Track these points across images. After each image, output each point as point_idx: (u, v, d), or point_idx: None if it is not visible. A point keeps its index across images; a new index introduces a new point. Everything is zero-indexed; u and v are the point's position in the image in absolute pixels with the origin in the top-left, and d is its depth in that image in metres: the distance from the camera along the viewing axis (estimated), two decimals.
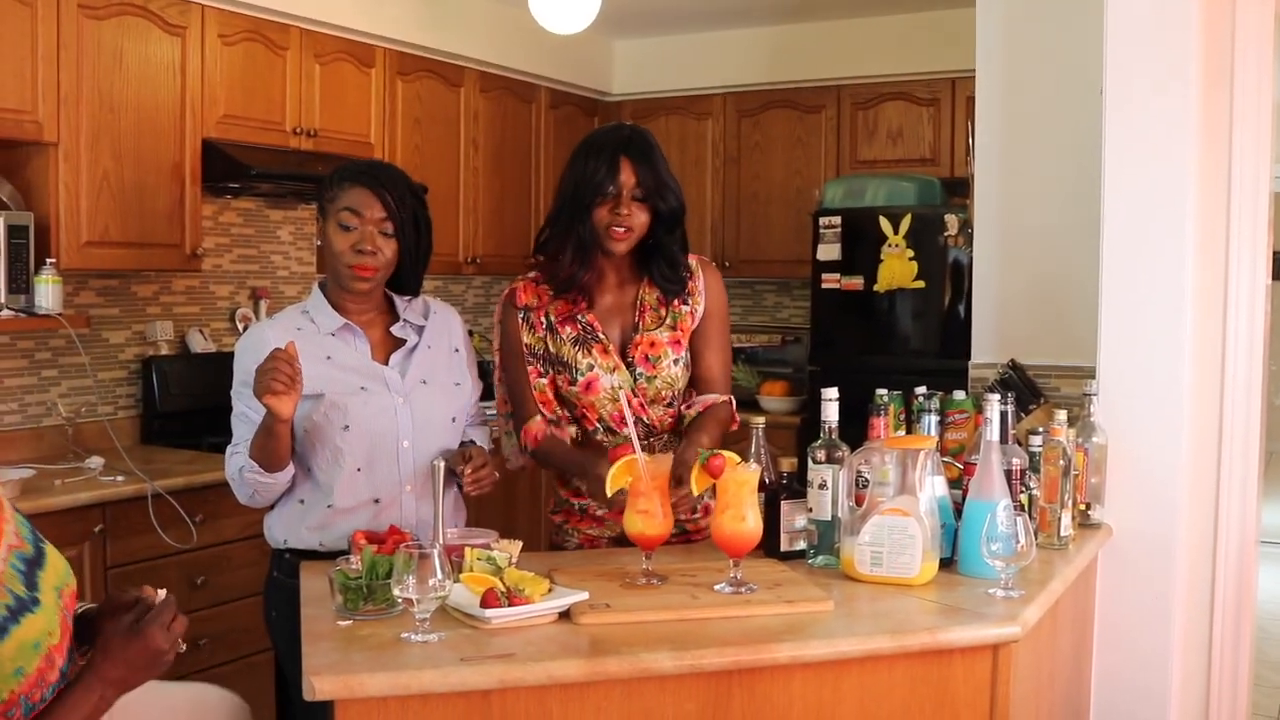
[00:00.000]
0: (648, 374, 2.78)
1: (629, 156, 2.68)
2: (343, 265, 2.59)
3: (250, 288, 5.06)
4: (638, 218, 2.69)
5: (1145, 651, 3.19)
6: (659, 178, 2.70)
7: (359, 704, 1.88)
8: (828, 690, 2.12)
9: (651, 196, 2.69)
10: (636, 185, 2.68)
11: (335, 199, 2.60)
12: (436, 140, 5.51)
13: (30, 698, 1.70)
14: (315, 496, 2.60)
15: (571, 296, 2.79)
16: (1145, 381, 3.16)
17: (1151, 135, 3.15)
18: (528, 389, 2.83)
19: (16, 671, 1.68)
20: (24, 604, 1.73)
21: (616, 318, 2.82)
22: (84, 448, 4.22)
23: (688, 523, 2.83)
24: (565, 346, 2.78)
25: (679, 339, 2.81)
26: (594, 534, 2.87)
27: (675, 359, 2.80)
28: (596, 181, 2.68)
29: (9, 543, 1.79)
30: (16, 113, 3.80)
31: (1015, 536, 2.32)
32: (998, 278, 3.94)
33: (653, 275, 2.80)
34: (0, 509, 1.82)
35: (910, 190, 5.51)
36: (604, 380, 2.76)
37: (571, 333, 2.79)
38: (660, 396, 2.80)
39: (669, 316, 2.82)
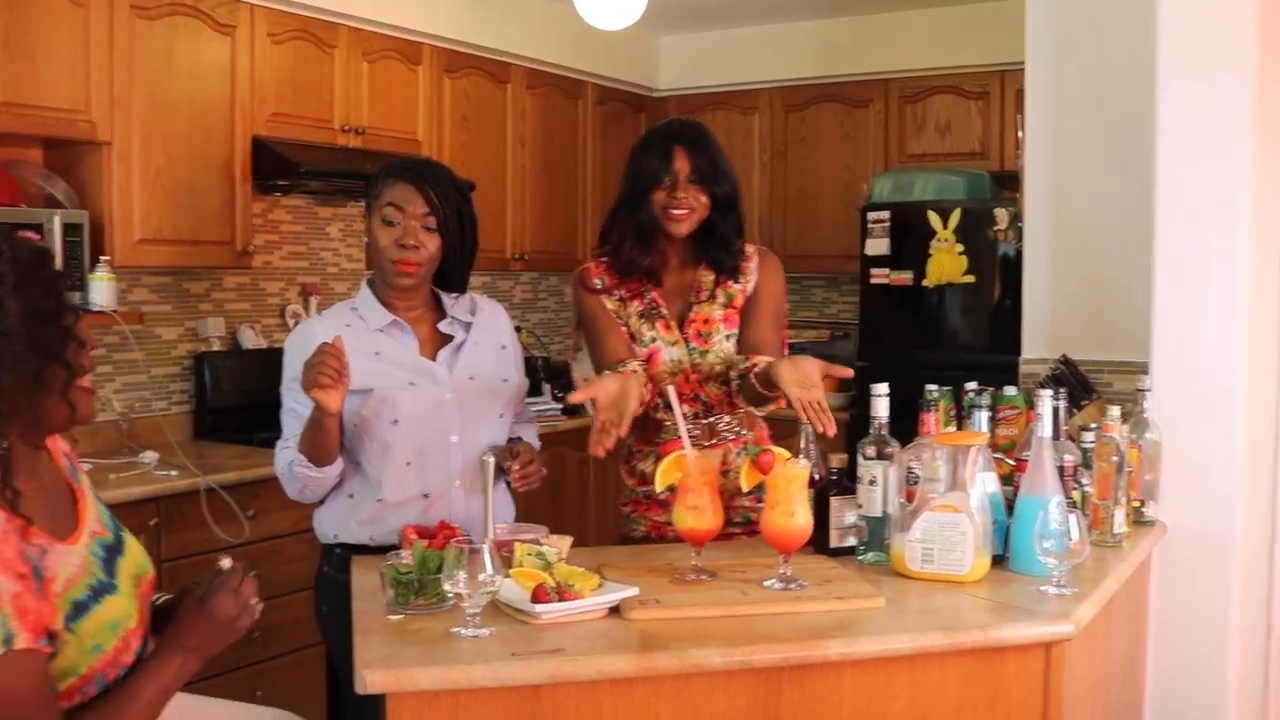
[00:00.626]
0: (700, 349, 2.85)
1: (682, 145, 2.80)
2: (386, 260, 2.60)
3: (300, 284, 5.10)
4: (696, 199, 2.80)
5: (1201, 651, 3.15)
6: (714, 163, 2.81)
7: (410, 698, 1.89)
8: (878, 688, 2.11)
9: (707, 180, 2.80)
10: (692, 170, 2.79)
11: (379, 195, 2.63)
12: (483, 137, 5.52)
13: (106, 676, 1.77)
14: (365, 491, 2.62)
15: (637, 280, 2.88)
16: (1200, 376, 3.12)
17: (1206, 126, 3.10)
18: (611, 348, 2.84)
19: (95, 648, 1.75)
20: (104, 587, 1.81)
21: (677, 297, 2.91)
22: (138, 443, 4.27)
23: (753, 512, 2.82)
24: (633, 319, 2.88)
25: (732, 315, 2.89)
26: (661, 520, 2.87)
27: (728, 334, 2.87)
28: (652, 170, 2.80)
29: (92, 529, 1.87)
30: (70, 113, 3.85)
31: (1068, 533, 2.29)
32: (1049, 271, 3.91)
33: (708, 256, 2.89)
34: (83, 496, 1.90)
35: (959, 184, 5.47)
36: (664, 353, 2.84)
37: (639, 306, 2.89)
38: (714, 373, 2.85)
39: (722, 295, 2.89)
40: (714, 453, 2.44)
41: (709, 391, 2.86)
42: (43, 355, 1.71)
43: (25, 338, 1.68)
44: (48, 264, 1.76)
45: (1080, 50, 3.85)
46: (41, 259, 1.75)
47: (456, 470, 2.63)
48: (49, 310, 1.72)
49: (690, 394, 2.83)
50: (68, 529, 1.83)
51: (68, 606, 1.72)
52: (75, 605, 1.74)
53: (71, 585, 1.75)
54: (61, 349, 1.74)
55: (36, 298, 1.71)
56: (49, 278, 1.75)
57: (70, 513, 1.87)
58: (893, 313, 5.58)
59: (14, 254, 1.70)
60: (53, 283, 1.75)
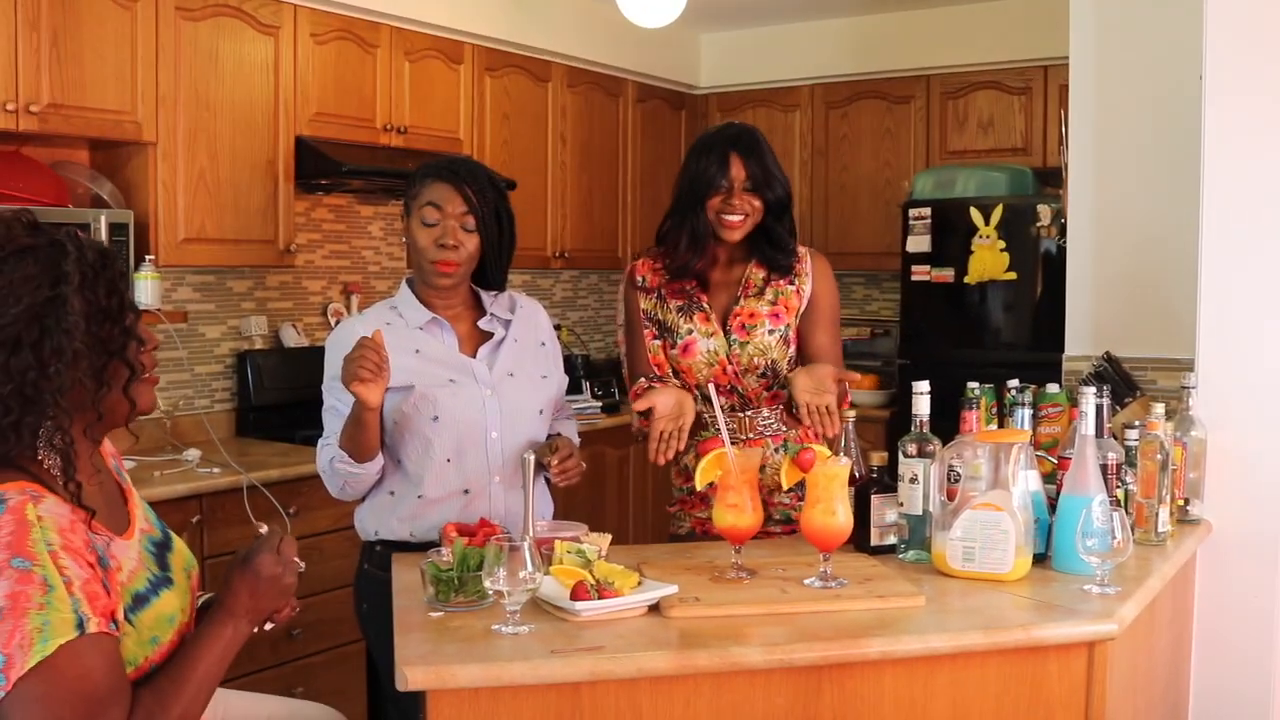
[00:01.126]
0: (741, 340, 2.90)
1: (738, 152, 2.86)
2: (426, 261, 2.62)
3: (342, 283, 5.13)
4: (750, 204, 2.86)
5: (1246, 653, 3.12)
6: (767, 169, 2.87)
7: (450, 695, 1.90)
8: (919, 687, 2.10)
9: (760, 187, 2.86)
10: (747, 178, 2.85)
11: (417, 195, 2.64)
12: (524, 135, 5.54)
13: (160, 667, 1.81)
14: (405, 488, 2.64)
15: (688, 280, 2.94)
16: (1246, 374, 3.09)
17: (1253, 123, 3.07)
18: (641, 353, 2.99)
19: (153, 640, 1.79)
20: (160, 580, 1.86)
21: (723, 292, 2.97)
22: (181, 440, 4.31)
23: (793, 510, 2.85)
24: (671, 314, 2.94)
25: (778, 313, 2.93)
26: (704, 517, 2.90)
27: (771, 329, 2.91)
28: (709, 176, 2.86)
29: (140, 526, 1.92)
30: (117, 114, 3.89)
31: (1111, 532, 2.27)
32: (1092, 268, 3.88)
33: (761, 255, 2.94)
34: (132, 494, 1.96)
35: (1001, 180, 5.44)
36: (701, 344, 2.90)
37: (679, 302, 2.94)
38: (753, 365, 2.90)
39: (770, 292, 2.94)
40: (754, 450, 2.44)
41: (746, 384, 2.90)
42: (105, 353, 1.77)
43: (88, 335, 1.73)
44: (111, 264, 1.80)
45: (1125, 44, 3.82)
46: (105, 259, 1.79)
47: (496, 466, 2.64)
48: (112, 309, 1.77)
49: (727, 385, 2.88)
50: (122, 525, 1.88)
51: (129, 598, 1.77)
52: (136, 597, 1.78)
53: (134, 577, 1.80)
54: (123, 347, 1.79)
55: (100, 297, 1.76)
56: (112, 277, 1.79)
57: (122, 510, 1.92)
58: (934, 310, 5.55)
59: (80, 254, 1.75)
60: (115, 282, 1.79)
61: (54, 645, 1.59)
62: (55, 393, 1.69)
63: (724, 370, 2.90)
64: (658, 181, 6.30)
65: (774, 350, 2.91)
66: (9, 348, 1.68)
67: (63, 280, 1.70)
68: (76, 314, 1.71)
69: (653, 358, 2.97)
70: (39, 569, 1.61)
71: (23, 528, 1.63)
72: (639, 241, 6.08)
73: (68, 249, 1.73)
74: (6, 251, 1.71)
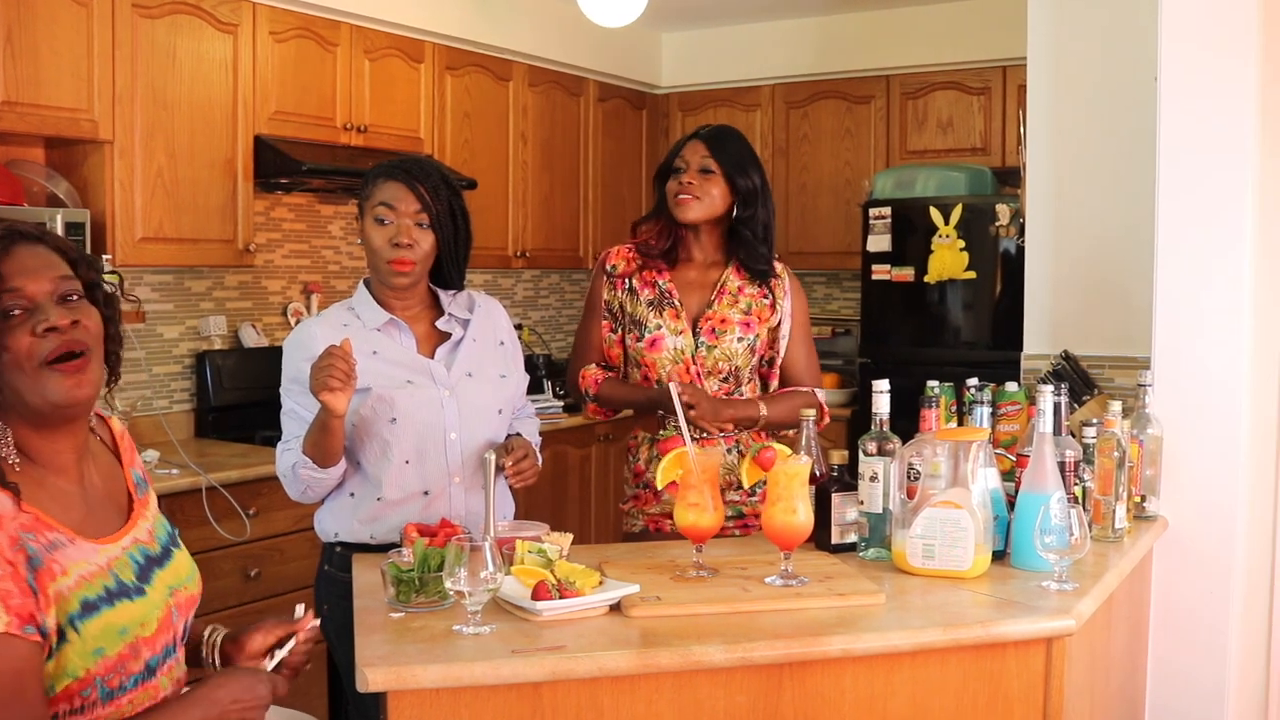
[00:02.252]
0: (709, 343, 2.96)
1: (699, 138, 3.00)
2: (381, 261, 2.61)
3: (302, 283, 5.10)
4: (704, 188, 2.94)
5: (1202, 645, 3.15)
6: (733, 155, 2.97)
7: (411, 695, 1.89)
8: (879, 683, 2.11)
9: (727, 171, 2.95)
10: (706, 157, 2.94)
11: (370, 196, 2.64)
12: (486, 134, 5.52)
13: (107, 682, 1.73)
14: (365, 490, 2.62)
15: (655, 264, 3.01)
16: (1202, 371, 3.12)
17: (1208, 122, 3.10)
18: (592, 339, 3.09)
19: (97, 651, 1.71)
20: (125, 590, 1.77)
21: (696, 292, 3.02)
22: (140, 441, 4.24)
23: (745, 506, 2.92)
24: (641, 306, 2.99)
25: (750, 322, 2.98)
26: (656, 513, 2.97)
27: (740, 337, 2.97)
28: (669, 159, 3.02)
29: (137, 536, 1.87)
30: (73, 111, 3.86)
31: (1069, 529, 2.29)
32: (1050, 268, 3.91)
33: (739, 257, 3.01)
34: (144, 508, 1.93)
35: (961, 180, 5.47)
36: (668, 341, 2.95)
37: (650, 295, 3.00)
38: (717, 369, 2.95)
39: (743, 302, 2.99)
40: (715, 449, 2.44)
41: (706, 386, 2.93)
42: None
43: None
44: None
45: (1082, 45, 3.85)
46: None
47: (456, 467, 2.63)
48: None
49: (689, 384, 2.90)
50: (106, 530, 1.81)
51: (76, 604, 1.70)
52: (84, 604, 1.71)
53: (85, 583, 1.72)
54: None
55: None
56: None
57: (119, 518, 1.87)
58: (894, 309, 5.58)
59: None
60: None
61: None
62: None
63: (687, 370, 2.94)
64: (619, 181, 6.31)
65: (739, 357, 2.97)
66: None
67: None
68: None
69: (607, 349, 3.06)
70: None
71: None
72: (600, 241, 6.08)
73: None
74: None
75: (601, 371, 3.06)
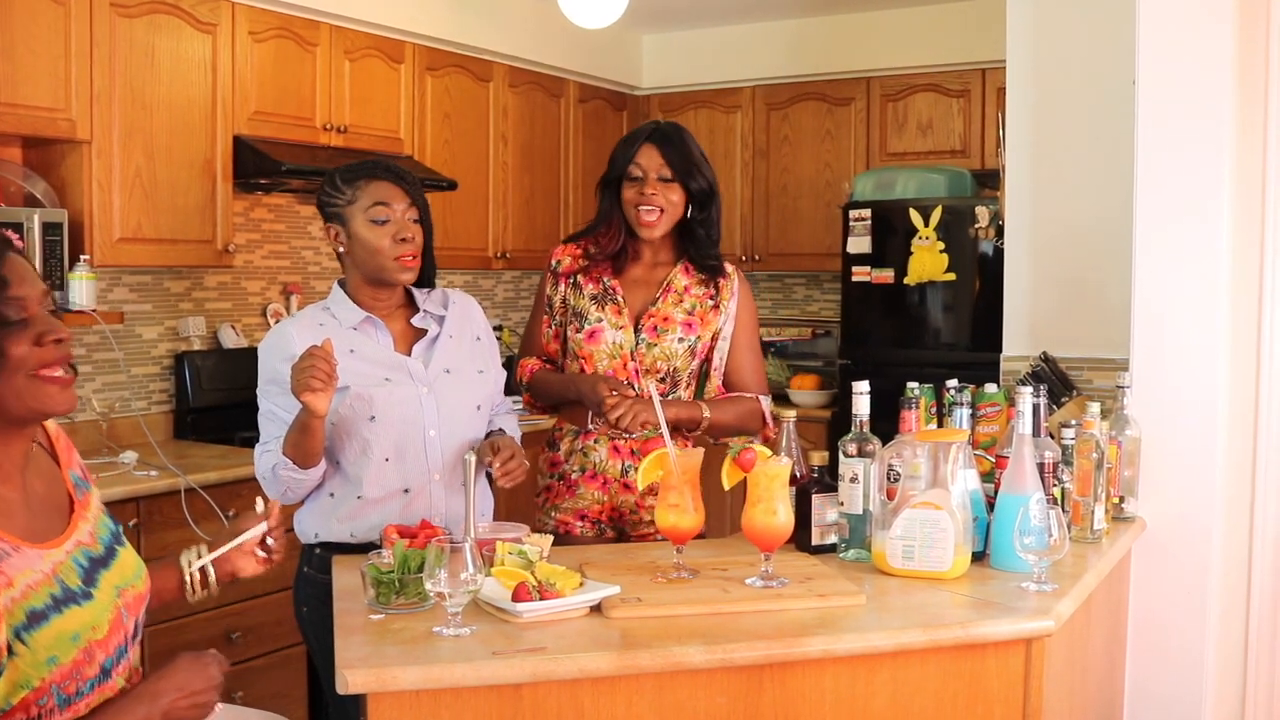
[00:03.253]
0: (649, 340, 2.94)
1: (653, 142, 2.94)
2: (387, 259, 2.59)
3: (281, 283, 5.08)
4: (666, 197, 2.91)
5: (1180, 645, 3.17)
6: (686, 158, 2.92)
7: (391, 697, 1.89)
8: (859, 684, 2.12)
9: (680, 175, 2.90)
10: (664, 165, 2.90)
11: (356, 198, 2.61)
12: (466, 135, 5.51)
13: (64, 689, 1.71)
14: (345, 489, 2.62)
15: (601, 266, 2.99)
16: (1179, 373, 3.14)
17: (1185, 125, 3.12)
18: (535, 335, 3.11)
19: (50, 660, 1.69)
20: (72, 595, 1.75)
21: (641, 289, 3.00)
22: (118, 443, 4.26)
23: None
24: (583, 300, 2.98)
25: (692, 324, 2.96)
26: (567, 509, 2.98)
27: (681, 338, 2.95)
28: (620, 163, 2.95)
29: (79, 539, 1.84)
30: (50, 111, 3.83)
31: (1048, 530, 2.30)
32: (1029, 269, 3.92)
33: (689, 254, 3.00)
34: (83, 508, 1.89)
35: (940, 182, 5.48)
36: (608, 334, 2.94)
37: (593, 290, 2.99)
38: (655, 368, 2.94)
39: (688, 302, 2.97)
40: (696, 451, 2.44)
41: (642, 385, 2.92)
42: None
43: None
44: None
45: (1061, 48, 3.87)
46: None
47: (436, 464, 2.63)
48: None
49: (625, 381, 2.91)
50: (48, 535, 1.79)
51: (21, 615, 1.67)
52: (31, 614, 1.68)
53: (31, 592, 1.70)
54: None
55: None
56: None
57: (60, 521, 1.84)
58: (874, 311, 5.59)
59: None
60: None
61: None
62: None
63: (624, 365, 2.93)
64: None
65: (678, 358, 2.96)
66: None
67: None
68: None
69: (545, 344, 3.08)
70: None
71: None
72: None
73: None
74: None
75: (539, 363, 3.07)
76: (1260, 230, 3.22)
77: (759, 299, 6.75)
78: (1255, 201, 3.21)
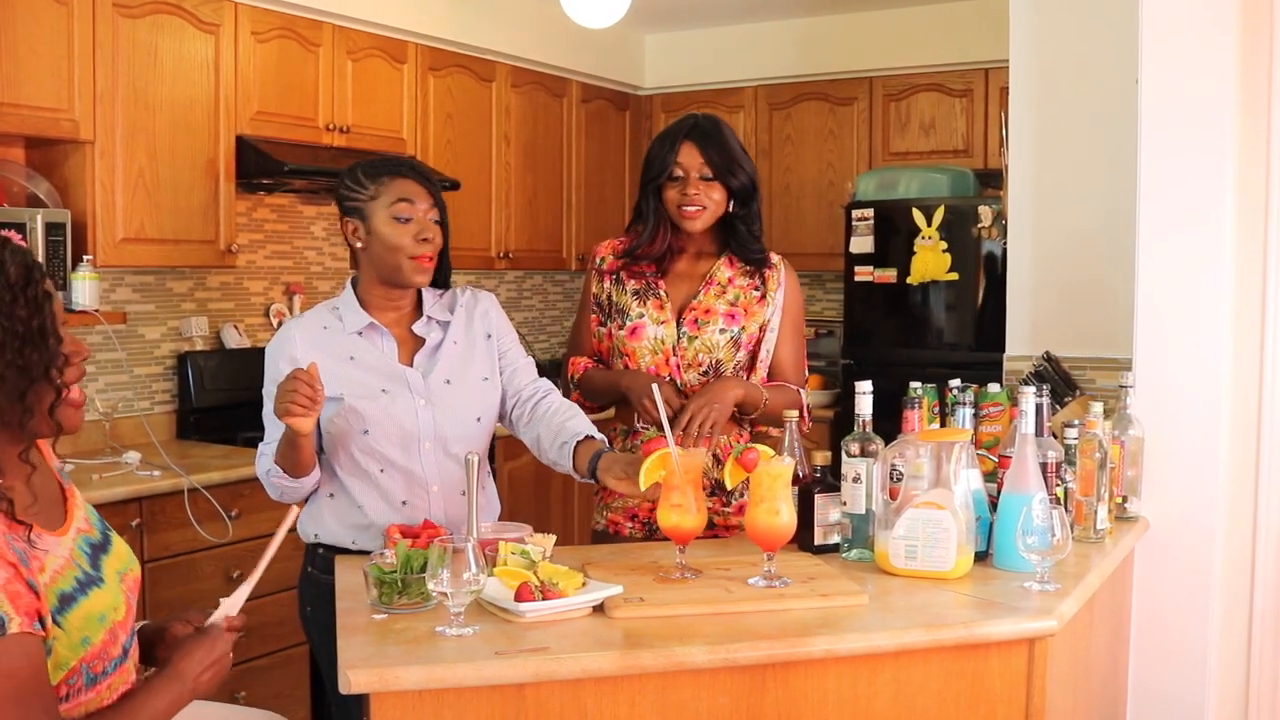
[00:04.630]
0: (690, 334, 2.91)
1: (692, 139, 2.88)
2: (405, 258, 2.56)
3: (284, 283, 5.08)
4: (709, 196, 2.88)
5: (1183, 646, 3.17)
6: (727, 156, 2.88)
7: (394, 697, 1.89)
8: (862, 684, 2.12)
9: (722, 174, 2.88)
10: (704, 165, 2.86)
11: (379, 194, 2.58)
12: (468, 135, 5.52)
13: (92, 668, 1.78)
14: (343, 495, 2.60)
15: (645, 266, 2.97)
16: (1182, 373, 3.14)
17: (1189, 125, 3.12)
18: (583, 334, 3.08)
19: (83, 641, 1.76)
20: (91, 579, 1.83)
21: (684, 283, 2.98)
22: (121, 443, 4.26)
23: (716, 516, 2.86)
24: (625, 296, 2.96)
25: (734, 314, 2.94)
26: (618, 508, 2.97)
27: (723, 329, 2.92)
28: (662, 163, 2.89)
29: (78, 526, 1.90)
30: (53, 111, 3.84)
31: (1051, 530, 2.30)
32: (1032, 269, 3.92)
33: (732, 248, 2.97)
34: (72, 497, 1.94)
35: (943, 182, 5.48)
36: (649, 330, 2.92)
37: (635, 285, 2.97)
38: (697, 361, 2.91)
39: (731, 293, 2.95)
40: (698, 451, 2.44)
41: (687, 379, 2.90)
42: (28, 378, 1.70)
43: (9, 359, 1.68)
44: (35, 281, 1.72)
45: (1064, 47, 3.86)
46: (30, 275, 1.71)
47: (434, 476, 2.60)
48: (32, 333, 1.70)
49: (668, 377, 2.89)
50: (57, 522, 1.85)
51: (54, 599, 1.73)
52: (62, 598, 1.74)
53: (59, 577, 1.76)
54: (46, 370, 1.72)
55: (18, 321, 1.69)
56: (35, 295, 1.71)
57: (60, 508, 1.89)
58: (877, 310, 5.59)
59: (2, 270, 1.68)
60: (39, 302, 1.71)
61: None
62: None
63: (667, 361, 2.90)
64: (602, 182, 6.31)
65: (721, 350, 2.91)
66: None
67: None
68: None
69: (596, 343, 3.03)
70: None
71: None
72: (583, 241, 6.08)
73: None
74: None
75: (590, 361, 3.04)
76: (1263, 229, 3.21)
77: None
78: (1259, 199, 3.20)
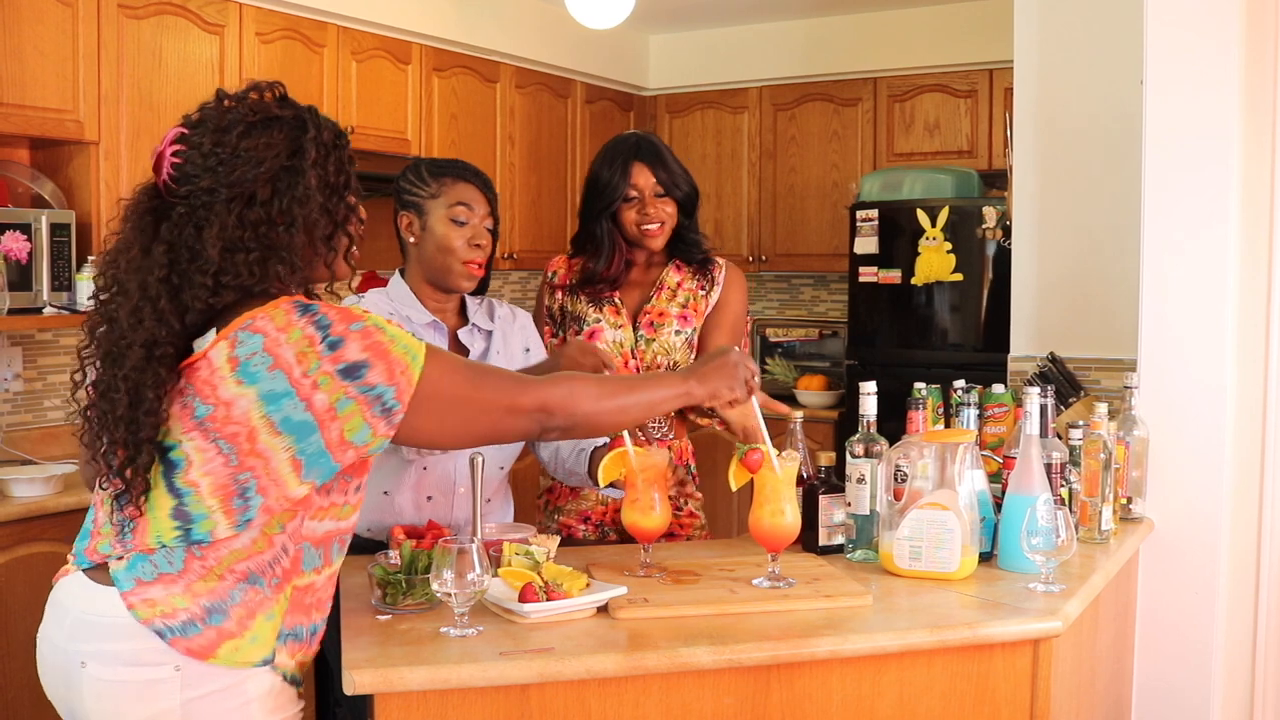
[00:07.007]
0: (648, 336, 2.99)
1: (642, 160, 2.97)
2: (456, 261, 2.58)
3: None
4: (664, 211, 2.97)
5: (1188, 646, 3.16)
6: (672, 172, 2.98)
7: (398, 698, 1.89)
8: (866, 685, 2.12)
9: (670, 189, 2.98)
10: (656, 183, 2.95)
11: (440, 193, 2.60)
12: (473, 136, 5.52)
13: None
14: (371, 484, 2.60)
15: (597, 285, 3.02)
16: (1187, 373, 3.13)
17: (1194, 126, 3.11)
18: None
19: None
20: None
21: (636, 290, 3.05)
22: None
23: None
24: (581, 304, 3.01)
25: (687, 315, 3.01)
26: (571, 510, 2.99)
27: (678, 330, 2.99)
28: (615, 186, 2.96)
29: None
30: (58, 112, 3.84)
31: (1056, 530, 2.30)
32: (1036, 270, 3.92)
33: (679, 253, 3.04)
34: None
35: (948, 183, 5.48)
36: (607, 334, 2.97)
37: (589, 293, 3.01)
38: (655, 362, 2.98)
39: (681, 296, 3.02)
40: (657, 451, 2.42)
41: None
42: (332, 222, 1.94)
43: (320, 205, 1.90)
44: (344, 144, 1.96)
45: (1068, 48, 3.86)
46: (339, 139, 1.95)
47: (464, 478, 2.61)
48: (339, 185, 1.94)
49: None
50: None
51: None
52: None
53: None
54: (346, 218, 1.95)
55: (330, 173, 1.92)
56: (341, 157, 1.95)
57: None
58: (881, 311, 5.59)
59: (318, 132, 1.92)
60: (344, 161, 1.95)
61: (422, 354, 1.82)
62: (285, 249, 1.86)
63: (626, 364, 2.95)
64: None
65: (677, 352, 2.98)
66: (244, 200, 1.86)
67: (300, 154, 1.88)
68: (311, 187, 1.88)
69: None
70: (369, 321, 1.81)
71: (341, 308, 1.83)
72: None
73: (308, 126, 1.91)
74: (258, 118, 1.93)
75: None
76: (1269, 229, 3.21)
77: (765, 299, 6.76)
78: (1264, 200, 3.20)
